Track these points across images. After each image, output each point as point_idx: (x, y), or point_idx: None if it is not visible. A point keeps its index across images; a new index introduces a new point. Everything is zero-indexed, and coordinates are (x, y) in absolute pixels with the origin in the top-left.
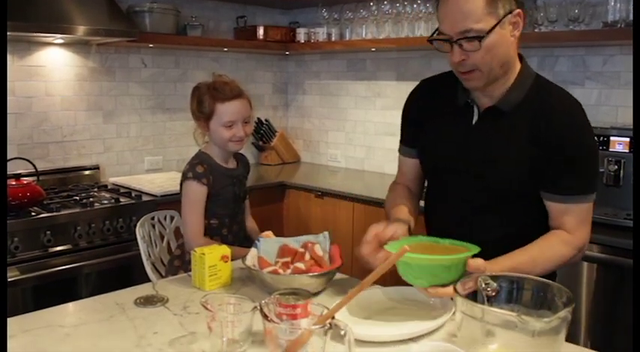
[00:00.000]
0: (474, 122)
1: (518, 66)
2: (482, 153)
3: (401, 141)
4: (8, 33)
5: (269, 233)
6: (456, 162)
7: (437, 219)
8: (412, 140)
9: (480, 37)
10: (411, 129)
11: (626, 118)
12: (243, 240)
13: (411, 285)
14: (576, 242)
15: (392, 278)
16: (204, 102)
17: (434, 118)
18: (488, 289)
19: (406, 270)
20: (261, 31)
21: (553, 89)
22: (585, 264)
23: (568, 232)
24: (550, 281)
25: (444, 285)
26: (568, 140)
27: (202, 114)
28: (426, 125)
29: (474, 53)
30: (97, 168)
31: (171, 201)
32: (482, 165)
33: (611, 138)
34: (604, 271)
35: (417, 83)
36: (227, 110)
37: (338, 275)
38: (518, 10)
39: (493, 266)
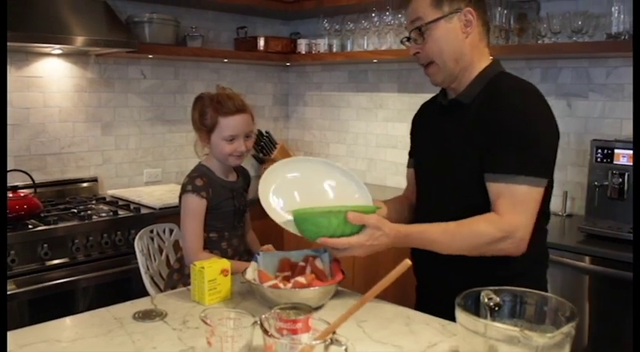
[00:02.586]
0: (440, 119)
1: (482, 64)
2: (442, 146)
3: (409, 156)
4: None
5: (269, 246)
6: (426, 160)
7: (415, 219)
8: (413, 149)
9: (421, 27)
10: (412, 141)
11: (631, 131)
12: (243, 254)
13: None
14: (503, 224)
15: (395, 291)
16: (206, 114)
17: (423, 126)
18: (491, 303)
19: (296, 226)
20: (261, 42)
21: (509, 79)
22: (588, 277)
23: (497, 213)
24: (553, 296)
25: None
26: (505, 120)
27: (204, 126)
28: (417, 134)
29: (424, 46)
30: (95, 180)
31: (171, 214)
32: (442, 159)
33: (615, 151)
34: (608, 285)
35: (418, 95)
36: (229, 124)
37: (339, 290)
38: (468, 9)
39: (399, 227)
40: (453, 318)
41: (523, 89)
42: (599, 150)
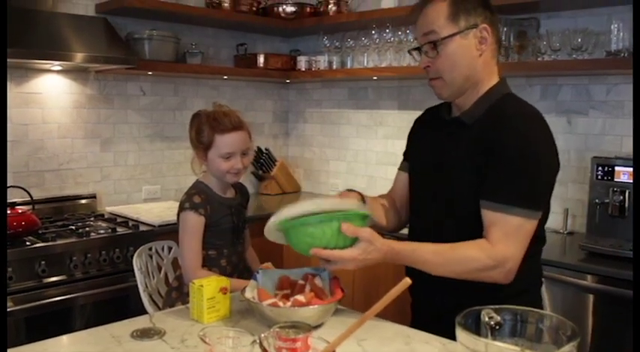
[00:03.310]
0: (440, 135)
1: (490, 83)
2: (441, 160)
3: (403, 159)
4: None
5: (269, 264)
6: (422, 169)
7: (410, 231)
8: (408, 154)
9: (436, 41)
10: (409, 144)
11: (631, 148)
12: (242, 272)
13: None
14: (495, 253)
15: (393, 309)
16: (203, 131)
17: (423, 133)
18: (492, 322)
19: (288, 239)
20: (261, 59)
21: (513, 102)
22: (591, 296)
23: (489, 241)
24: (554, 314)
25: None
26: (506, 146)
27: (201, 143)
28: (415, 139)
29: (436, 60)
30: (93, 197)
31: (170, 231)
32: (440, 173)
33: (616, 168)
34: (610, 303)
35: (419, 112)
36: (226, 142)
37: (339, 308)
38: (483, 25)
39: (392, 244)
40: (448, 336)
41: (526, 115)
42: (600, 168)
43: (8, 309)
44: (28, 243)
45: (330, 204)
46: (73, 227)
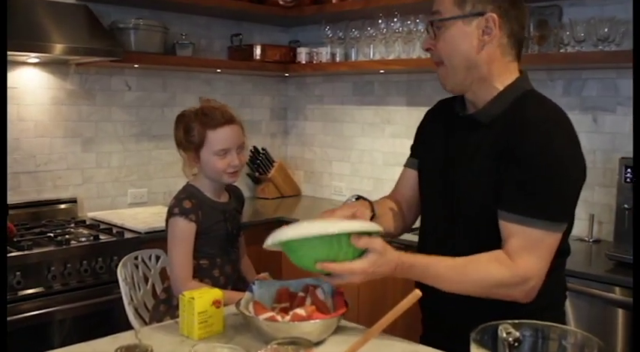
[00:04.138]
0: (453, 133)
1: (507, 80)
2: (454, 160)
3: (410, 155)
4: None
5: (266, 275)
6: (433, 168)
7: (421, 239)
8: (417, 150)
9: (433, 21)
10: (418, 139)
11: None
12: (237, 283)
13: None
14: (517, 270)
15: (401, 324)
16: (192, 129)
17: (434, 128)
18: (510, 338)
19: (292, 254)
20: (258, 51)
21: (536, 102)
22: (620, 310)
23: (508, 255)
24: (578, 330)
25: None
26: (527, 153)
27: (191, 143)
28: (426, 134)
29: (437, 43)
30: (74, 201)
31: (157, 239)
32: (449, 176)
33: None
34: None
35: (428, 108)
36: (219, 137)
37: (342, 323)
38: (491, 14)
39: (403, 257)
40: None
41: (551, 119)
42: (629, 169)
43: None
44: None
45: (338, 227)
46: (52, 234)
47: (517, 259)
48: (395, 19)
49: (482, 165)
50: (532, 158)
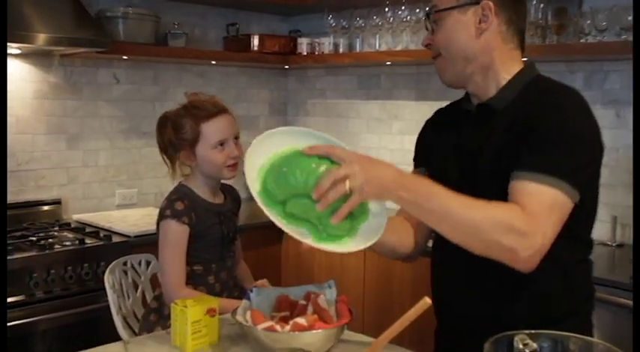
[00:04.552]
0: (466, 126)
1: (512, 70)
2: (469, 160)
3: (414, 167)
4: None
5: (264, 281)
6: (447, 174)
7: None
8: (423, 159)
9: (429, 14)
10: (423, 150)
11: None
12: (233, 290)
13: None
14: (528, 218)
15: (411, 335)
16: (184, 126)
17: (441, 134)
18: (527, 350)
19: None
20: (255, 41)
21: (549, 82)
22: None
23: (522, 209)
24: (600, 341)
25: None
26: (543, 120)
27: (184, 140)
28: (432, 142)
29: (435, 36)
30: (58, 202)
31: (148, 243)
32: (468, 167)
33: None
34: None
35: (440, 103)
36: (215, 128)
37: (346, 333)
38: (485, 1)
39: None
40: None
41: (564, 89)
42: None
43: None
44: None
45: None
46: (34, 238)
47: (528, 210)
48: (402, 7)
49: (502, 149)
50: (547, 124)
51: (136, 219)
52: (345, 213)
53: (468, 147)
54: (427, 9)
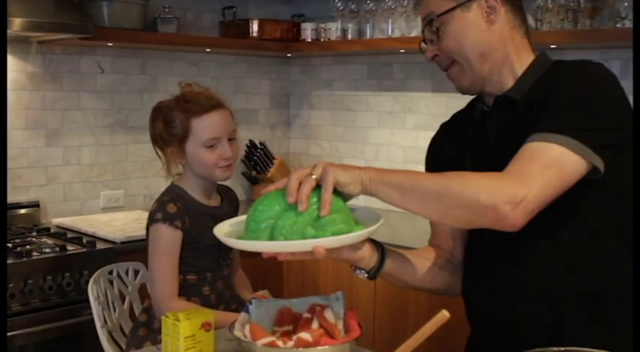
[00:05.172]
0: (487, 123)
1: (526, 60)
2: (496, 148)
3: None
4: None
5: (264, 293)
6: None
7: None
8: (439, 168)
9: (432, 20)
10: (437, 159)
11: None
12: (230, 301)
13: None
14: (508, 178)
15: (437, 349)
16: (173, 120)
17: (455, 141)
18: None
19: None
20: (254, 27)
21: (566, 63)
22: None
23: (506, 170)
24: None
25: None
26: (557, 85)
27: (173, 136)
28: (448, 147)
29: (441, 45)
30: (36, 205)
31: (136, 250)
32: (498, 161)
33: None
34: None
35: (459, 95)
36: (206, 125)
37: (356, 349)
38: None
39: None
40: None
41: (587, 61)
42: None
43: None
44: None
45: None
46: (10, 244)
47: (516, 168)
48: None
49: (523, 141)
50: (562, 89)
51: (123, 224)
52: (329, 200)
53: (486, 143)
54: (423, 20)
